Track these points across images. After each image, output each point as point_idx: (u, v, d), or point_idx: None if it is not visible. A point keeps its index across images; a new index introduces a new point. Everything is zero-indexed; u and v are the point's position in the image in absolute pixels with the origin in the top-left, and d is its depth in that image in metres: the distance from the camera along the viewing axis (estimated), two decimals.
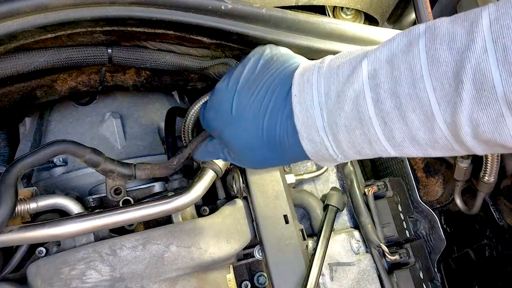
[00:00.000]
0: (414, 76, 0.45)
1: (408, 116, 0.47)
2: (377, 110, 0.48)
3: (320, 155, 0.56)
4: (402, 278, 1.11)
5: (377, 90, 0.48)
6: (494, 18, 0.41)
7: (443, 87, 0.44)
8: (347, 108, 0.50)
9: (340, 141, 0.53)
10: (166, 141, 1.01)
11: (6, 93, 0.90)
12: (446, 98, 0.44)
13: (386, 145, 0.51)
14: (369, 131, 0.50)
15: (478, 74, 0.41)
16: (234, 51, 0.92)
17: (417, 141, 0.48)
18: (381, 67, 0.48)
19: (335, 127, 0.52)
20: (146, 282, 0.83)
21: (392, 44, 0.49)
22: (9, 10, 0.65)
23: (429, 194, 1.27)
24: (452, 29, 0.44)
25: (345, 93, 0.51)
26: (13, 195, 0.72)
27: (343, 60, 0.54)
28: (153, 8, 0.72)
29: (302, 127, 0.55)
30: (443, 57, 0.44)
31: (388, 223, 1.15)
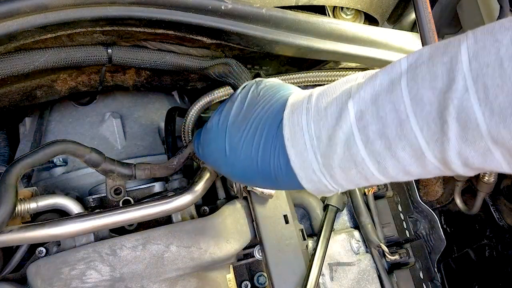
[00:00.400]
0: (399, 117, 0.46)
1: (399, 154, 0.48)
2: (368, 151, 0.50)
3: (320, 190, 0.58)
4: (402, 278, 1.11)
5: (366, 132, 0.49)
6: (473, 54, 0.41)
7: (429, 127, 0.44)
8: (340, 151, 0.52)
9: (338, 179, 0.55)
10: (166, 141, 1.01)
11: (6, 93, 0.90)
12: (434, 137, 0.44)
13: (381, 178, 0.52)
14: (363, 170, 0.52)
15: (462, 113, 0.41)
16: (234, 51, 0.93)
17: (411, 173, 0.50)
18: (366, 108, 0.49)
19: (330, 168, 0.54)
20: (146, 282, 0.83)
21: (375, 83, 0.49)
22: (9, 10, 0.65)
23: (429, 194, 1.27)
24: (433, 67, 0.44)
25: (335, 136, 0.52)
26: (13, 195, 0.72)
27: (329, 99, 0.54)
28: (153, 8, 0.72)
29: (299, 170, 0.56)
30: (426, 97, 0.44)
31: (388, 223, 1.15)
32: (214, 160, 0.69)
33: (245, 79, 0.88)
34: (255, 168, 0.61)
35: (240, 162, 0.63)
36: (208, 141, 0.70)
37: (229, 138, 0.64)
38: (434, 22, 0.75)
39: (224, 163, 0.66)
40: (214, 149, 0.67)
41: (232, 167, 0.65)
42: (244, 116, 0.63)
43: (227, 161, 0.65)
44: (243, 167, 0.63)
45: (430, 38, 0.74)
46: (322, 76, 1.00)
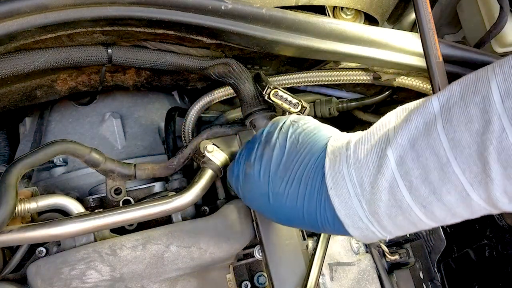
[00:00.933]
0: (440, 161, 0.46)
1: (444, 198, 0.48)
2: (413, 197, 0.50)
3: (369, 237, 0.58)
4: (402, 278, 1.11)
5: (409, 178, 0.49)
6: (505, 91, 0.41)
7: (471, 169, 0.45)
8: (384, 198, 0.52)
9: (385, 226, 0.55)
10: (166, 141, 1.01)
11: (6, 93, 0.90)
12: (477, 179, 0.45)
13: (430, 223, 0.52)
14: (410, 216, 0.51)
15: (502, 153, 0.42)
16: (234, 51, 0.92)
17: (458, 215, 0.50)
18: (405, 153, 0.49)
19: (377, 216, 0.54)
20: (146, 282, 0.83)
21: (410, 126, 0.50)
22: (9, 10, 0.65)
23: None
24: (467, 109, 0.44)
25: (378, 183, 0.52)
26: (13, 195, 0.72)
27: (367, 146, 0.55)
28: (153, 8, 0.72)
29: (345, 218, 0.56)
30: (464, 140, 0.44)
31: None
32: (258, 205, 0.70)
33: (245, 79, 0.88)
34: (301, 218, 0.61)
35: (285, 211, 0.63)
36: (249, 188, 0.69)
37: (273, 188, 0.64)
38: (434, 22, 0.75)
39: (268, 210, 0.67)
40: (258, 196, 0.67)
41: (277, 214, 0.66)
42: (285, 165, 0.63)
43: (272, 208, 0.65)
44: (289, 216, 0.63)
45: (430, 38, 0.74)
46: (322, 76, 1.00)
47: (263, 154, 0.67)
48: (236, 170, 0.72)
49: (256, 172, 0.67)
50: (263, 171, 0.66)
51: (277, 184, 0.63)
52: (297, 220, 0.63)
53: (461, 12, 1.09)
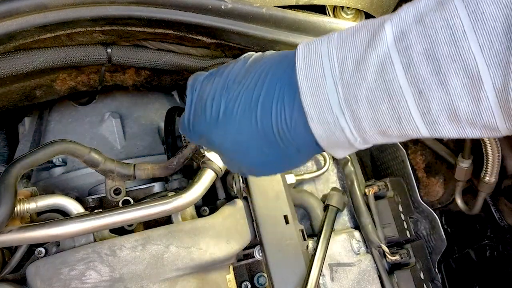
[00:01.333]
0: (454, 33, 0.38)
1: (449, 81, 0.39)
2: (409, 77, 0.41)
3: (333, 139, 0.47)
4: (403, 278, 1.10)
5: (408, 53, 0.40)
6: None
7: (492, 45, 0.37)
8: (370, 78, 0.42)
9: (360, 119, 0.44)
10: (166, 141, 1.01)
11: (6, 93, 0.90)
12: (497, 59, 0.37)
13: (418, 121, 0.43)
14: (398, 103, 0.42)
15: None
16: (234, 51, 0.92)
17: (457, 115, 0.41)
18: (409, 28, 0.41)
19: (354, 101, 0.44)
20: (146, 283, 0.83)
21: (419, 4, 0.41)
22: (8, 10, 0.65)
23: (429, 194, 1.27)
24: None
25: (366, 60, 0.43)
26: (12, 195, 0.72)
27: (356, 28, 0.46)
28: (153, 7, 0.72)
29: (311, 106, 0.45)
30: (488, 11, 0.37)
31: (388, 223, 1.15)
32: (203, 128, 0.56)
33: None
34: (253, 126, 0.50)
35: (236, 120, 0.51)
36: (201, 105, 0.56)
37: (227, 94, 0.53)
38: None
39: (215, 126, 0.54)
40: (208, 112, 0.54)
41: (224, 129, 0.53)
42: (246, 70, 0.53)
43: (219, 122, 0.53)
44: (238, 126, 0.51)
45: None
46: None
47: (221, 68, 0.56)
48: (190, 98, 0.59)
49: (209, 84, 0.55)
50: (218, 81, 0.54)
51: (233, 89, 0.52)
52: (247, 135, 0.51)
53: None
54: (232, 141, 0.53)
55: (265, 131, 0.50)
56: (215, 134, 0.55)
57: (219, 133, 0.54)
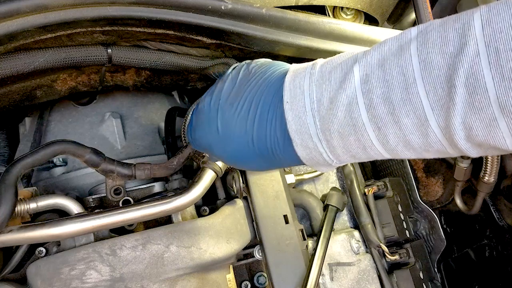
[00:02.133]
0: (406, 80, 0.45)
1: (401, 121, 0.46)
2: (370, 116, 0.48)
3: (315, 160, 0.56)
4: (402, 278, 1.11)
5: (370, 96, 0.48)
6: (486, 20, 0.41)
7: (436, 91, 0.43)
8: (340, 114, 0.50)
9: (334, 147, 0.53)
10: (166, 141, 1.01)
11: (6, 93, 0.90)
12: (440, 103, 0.44)
13: (380, 149, 0.51)
14: (362, 136, 0.50)
15: (471, 78, 0.41)
16: (234, 51, 0.92)
17: (412, 145, 0.48)
18: (372, 71, 0.48)
19: (328, 133, 0.52)
20: (146, 282, 0.83)
21: (383, 48, 0.49)
22: (9, 10, 0.65)
23: (429, 194, 1.27)
24: (444, 33, 0.44)
25: (337, 99, 0.50)
26: (13, 195, 0.72)
27: (334, 65, 0.54)
28: (153, 8, 0.72)
29: (295, 134, 0.54)
30: (435, 61, 0.43)
31: (388, 223, 1.15)
32: (206, 142, 0.66)
33: None
34: (250, 145, 0.59)
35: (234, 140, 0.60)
36: (200, 123, 0.66)
37: (222, 115, 0.61)
38: None
39: (217, 144, 0.64)
40: (207, 131, 0.64)
41: (225, 146, 0.62)
42: (237, 91, 0.61)
43: (220, 140, 0.62)
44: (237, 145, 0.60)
45: None
46: None
47: (215, 88, 0.66)
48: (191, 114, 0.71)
49: (206, 104, 0.65)
50: (213, 101, 0.64)
51: (227, 111, 0.61)
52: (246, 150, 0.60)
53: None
54: (231, 155, 0.63)
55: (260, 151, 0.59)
56: (216, 148, 0.64)
57: (220, 147, 0.63)
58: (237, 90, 0.61)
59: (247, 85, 0.61)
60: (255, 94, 0.59)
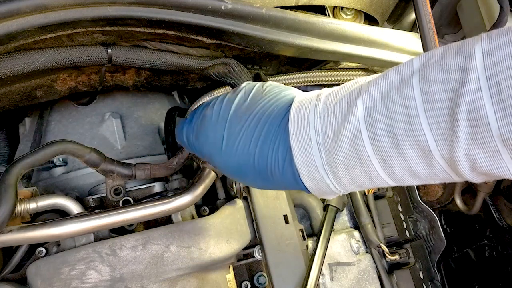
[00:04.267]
0: (409, 113, 0.46)
1: (406, 152, 0.47)
2: (374, 148, 0.49)
3: (322, 190, 0.57)
4: (402, 278, 1.11)
5: (374, 129, 0.49)
6: (487, 53, 0.41)
7: (439, 125, 0.44)
8: (345, 147, 0.51)
9: (341, 178, 0.54)
10: (166, 141, 1.01)
11: (6, 93, 0.90)
12: (443, 136, 0.44)
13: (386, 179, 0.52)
14: (368, 168, 0.51)
15: (473, 112, 0.41)
16: (234, 51, 0.92)
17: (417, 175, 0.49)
18: (376, 104, 0.49)
19: (334, 165, 0.53)
20: (146, 282, 0.83)
21: (385, 81, 0.49)
22: (9, 10, 0.65)
23: (429, 194, 1.27)
24: (446, 66, 0.44)
25: (342, 132, 0.51)
26: (13, 195, 0.72)
27: (338, 97, 0.54)
28: (153, 8, 0.72)
29: (301, 166, 0.55)
30: (437, 94, 0.44)
31: (388, 223, 1.15)
32: (208, 150, 0.66)
33: (245, 79, 0.88)
34: (251, 162, 0.60)
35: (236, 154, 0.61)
36: (204, 129, 0.66)
37: (229, 128, 0.62)
38: (434, 22, 0.75)
39: (218, 154, 0.64)
40: (211, 139, 0.65)
41: (226, 158, 0.63)
42: (247, 107, 0.62)
43: (223, 152, 0.63)
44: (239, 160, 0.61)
45: (430, 38, 0.74)
46: (322, 76, 1.00)
47: (226, 97, 0.66)
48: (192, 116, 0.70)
49: (215, 112, 0.65)
50: (222, 112, 0.64)
51: (234, 125, 0.62)
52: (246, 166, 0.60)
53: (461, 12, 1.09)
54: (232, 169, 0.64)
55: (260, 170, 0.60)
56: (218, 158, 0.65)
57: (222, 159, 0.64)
58: (248, 106, 0.62)
59: (258, 102, 0.61)
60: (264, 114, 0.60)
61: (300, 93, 0.62)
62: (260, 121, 0.59)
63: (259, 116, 0.60)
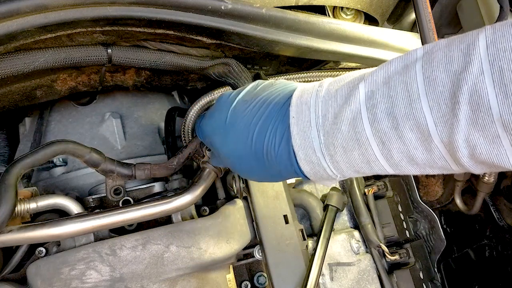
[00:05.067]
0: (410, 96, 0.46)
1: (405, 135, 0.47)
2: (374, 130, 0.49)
3: (318, 175, 0.57)
4: (402, 278, 1.11)
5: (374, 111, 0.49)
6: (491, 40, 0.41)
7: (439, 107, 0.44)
8: (344, 129, 0.51)
9: (338, 161, 0.54)
10: (166, 141, 1.01)
11: (6, 93, 0.90)
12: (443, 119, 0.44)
13: (384, 164, 0.51)
14: (366, 151, 0.51)
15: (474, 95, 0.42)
16: (234, 51, 0.92)
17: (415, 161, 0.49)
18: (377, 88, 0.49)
19: (332, 148, 0.53)
20: (146, 282, 0.83)
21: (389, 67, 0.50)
22: (9, 10, 0.65)
23: (429, 194, 1.27)
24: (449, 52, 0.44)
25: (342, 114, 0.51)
26: (13, 195, 0.72)
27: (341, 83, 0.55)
28: (153, 8, 0.72)
29: (299, 149, 0.55)
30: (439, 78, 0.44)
31: (388, 223, 1.15)
32: (210, 130, 0.69)
33: (245, 79, 0.88)
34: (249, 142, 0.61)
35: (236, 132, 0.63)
36: (212, 110, 0.70)
37: (234, 109, 0.64)
38: (434, 22, 0.75)
39: (219, 133, 0.66)
40: (216, 118, 0.67)
41: (226, 137, 0.65)
42: (255, 93, 0.64)
43: (224, 130, 0.65)
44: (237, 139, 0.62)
45: (430, 38, 0.74)
46: (322, 76, 1.00)
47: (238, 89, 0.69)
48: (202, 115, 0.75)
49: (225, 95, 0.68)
50: (232, 95, 0.67)
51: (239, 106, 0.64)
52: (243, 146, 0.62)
53: (461, 12, 1.09)
54: (230, 149, 0.65)
55: (256, 149, 0.60)
56: (217, 138, 0.67)
57: (221, 139, 0.66)
58: (256, 92, 0.64)
59: (265, 91, 0.63)
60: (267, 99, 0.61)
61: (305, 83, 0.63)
62: (264, 104, 0.61)
63: (264, 100, 0.61)
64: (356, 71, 0.56)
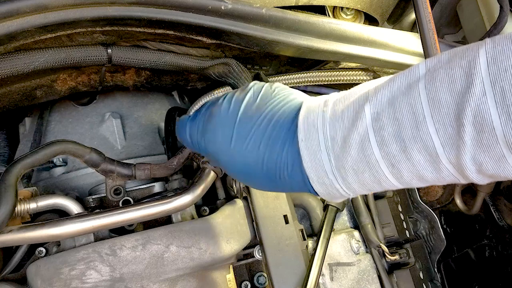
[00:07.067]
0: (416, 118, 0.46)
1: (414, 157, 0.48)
2: (383, 153, 0.50)
3: (332, 195, 0.58)
4: (402, 278, 1.11)
5: (381, 133, 0.49)
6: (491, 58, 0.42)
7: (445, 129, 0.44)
8: (353, 152, 0.52)
9: (350, 183, 0.54)
10: (166, 141, 1.01)
11: (6, 93, 0.90)
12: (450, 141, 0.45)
13: (395, 183, 0.52)
14: (377, 172, 0.51)
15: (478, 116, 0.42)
16: (234, 51, 0.92)
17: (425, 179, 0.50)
18: (383, 110, 0.50)
19: (343, 170, 0.53)
20: (146, 282, 0.83)
21: (392, 86, 0.50)
22: (9, 10, 0.65)
23: (429, 194, 1.27)
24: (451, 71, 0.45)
25: (350, 138, 0.52)
26: (13, 195, 0.72)
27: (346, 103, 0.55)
28: (153, 8, 0.72)
29: (311, 171, 0.55)
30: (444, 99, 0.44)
31: (388, 223, 1.16)
32: (214, 148, 0.65)
33: (245, 79, 0.88)
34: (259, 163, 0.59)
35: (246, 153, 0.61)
36: (212, 127, 0.65)
37: (239, 127, 0.61)
38: (434, 22, 0.75)
39: (226, 152, 0.63)
40: (220, 137, 0.63)
41: (234, 157, 0.62)
42: (257, 107, 0.61)
43: (231, 150, 0.62)
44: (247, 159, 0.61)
45: (430, 38, 0.74)
46: (322, 76, 1.00)
47: (234, 96, 0.65)
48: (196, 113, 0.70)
49: (223, 110, 0.64)
50: (231, 110, 0.63)
51: (244, 124, 0.61)
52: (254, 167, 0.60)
53: (461, 12, 1.09)
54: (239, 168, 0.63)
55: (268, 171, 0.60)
56: (224, 157, 0.64)
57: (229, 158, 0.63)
58: (258, 106, 0.62)
59: (268, 103, 0.61)
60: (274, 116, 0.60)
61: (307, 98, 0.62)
62: (270, 122, 0.59)
63: (269, 117, 0.60)
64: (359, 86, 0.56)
